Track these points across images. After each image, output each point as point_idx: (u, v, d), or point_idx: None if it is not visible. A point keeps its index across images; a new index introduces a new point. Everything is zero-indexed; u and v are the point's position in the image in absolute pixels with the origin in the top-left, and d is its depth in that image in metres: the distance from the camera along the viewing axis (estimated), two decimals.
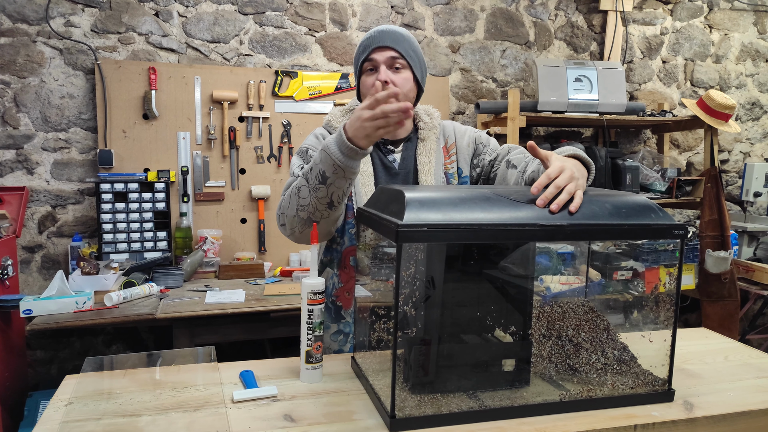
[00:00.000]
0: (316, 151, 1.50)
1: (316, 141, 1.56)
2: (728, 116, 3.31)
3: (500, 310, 1.22)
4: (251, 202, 3.12)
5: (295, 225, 1.40)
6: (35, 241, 2.93)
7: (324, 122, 1.62)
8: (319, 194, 1.34)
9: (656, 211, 1.17)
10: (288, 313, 2.41)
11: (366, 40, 1.51)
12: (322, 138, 1.57)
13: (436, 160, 1.58)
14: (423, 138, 1.60)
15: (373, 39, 1.50)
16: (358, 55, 1.54)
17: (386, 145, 1.60)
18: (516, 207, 1.11)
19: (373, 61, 1.50)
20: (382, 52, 1.49)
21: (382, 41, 1.48)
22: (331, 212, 1.39)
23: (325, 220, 1.40)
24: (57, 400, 1.15)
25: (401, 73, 1.50)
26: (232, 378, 1.27)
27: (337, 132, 1.31)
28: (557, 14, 3.63)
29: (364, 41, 1.51)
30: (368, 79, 1.51)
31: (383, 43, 1.48)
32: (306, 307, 1.23)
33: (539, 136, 3.70)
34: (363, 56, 1.50)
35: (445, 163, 1.59)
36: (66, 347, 3.02)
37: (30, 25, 2.83)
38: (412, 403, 1.09)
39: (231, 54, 3.11)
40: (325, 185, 1.32)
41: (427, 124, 1.62)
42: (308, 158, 1.52)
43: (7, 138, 2.85)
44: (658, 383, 1.20)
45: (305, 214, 1.37)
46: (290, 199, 1.39)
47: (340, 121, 1.59)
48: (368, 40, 1.50)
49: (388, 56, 1.49)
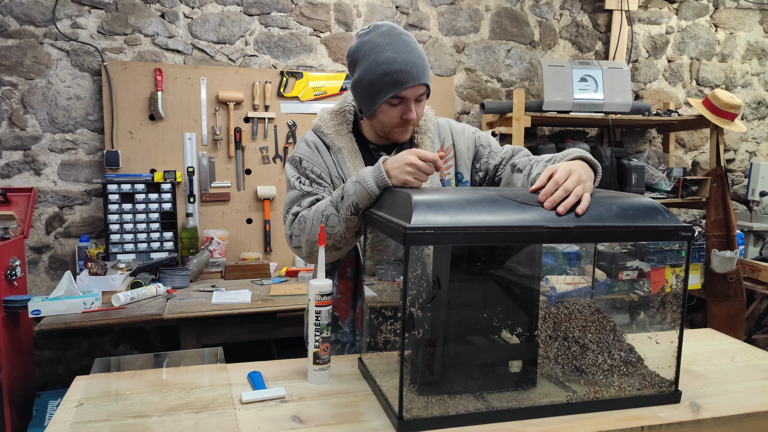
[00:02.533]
0: (311, 162, 1.48)
1: (309, 150, 1.50)
2: (734, 115, 3.30)
3: (507, 311, 1.22)
4: (257, 203, 3.13)
5: (315, 249, 1.35)
6: (43, 242, 2.95)
7: (313, 126, 1.55)
8: (350, 224, 1.34)
9: (662, 213, 1.17)
10: (294, 314, 2.42)
11: (396, 74, 1.37)
12: (315, 146, 1.51)
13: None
14: (417, 143, 1.55)
15: (407, 75, 1.38)
16: (384, 86, 1.38)
17: (379, 152, 1.55)
18: (523, 209, 1.12)
19: (404, 99, 1.41)
20: (414, 89, 1.40)
21: (416, 78, 1.39)
22: (356, 239, 1.40)
23: (346, 247, 1.42)
24: (68, 401, 1.16)
25: (422, 102, 1.46)
26: (240, 379, 1.27)
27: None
28: (562, 14, 3.63)
29: (394, 74, 1.37)
30: (393, 111, 1.42)
31: (418, 81, 1.39)
32: (314, 309, 1.23)
33: (544, 136, 3.70)
34: (393, 92, 1.38)
35: (441, 171, 1.53)
36: (73, 347, 3.04)
37: (37, 26, 2.85)
38: (420, 405, 1.09)
39: (236, 55, 3.12)
40: (357, 216, 1.33)
41: (421, 127, 1.56)
42: (303, 169, 1.48)
43: (15, 139, 2.87)
44: (665, 384, 1.20)
45: (330, 242, 1.36)
46: (313, 226, 1.37)
47: (331, 125, 1.52)
48: (400, 75, 1.37)
49: (419, 93, 1.42)
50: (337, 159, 1.51)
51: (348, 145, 1.52)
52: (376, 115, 1.45)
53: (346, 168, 1.50)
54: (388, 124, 1.46)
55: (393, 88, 1.38)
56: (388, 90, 1.38)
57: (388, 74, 1.37)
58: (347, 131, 1.53)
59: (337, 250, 1.41)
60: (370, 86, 1.40)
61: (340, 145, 1.51)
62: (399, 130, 1.48)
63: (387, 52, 1.38)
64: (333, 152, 1.51)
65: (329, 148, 1.52)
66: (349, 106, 1.56)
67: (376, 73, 1.38)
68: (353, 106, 1.56)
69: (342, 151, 1.51)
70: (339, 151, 1.51)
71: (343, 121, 1.54)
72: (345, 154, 1.51)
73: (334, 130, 1.53)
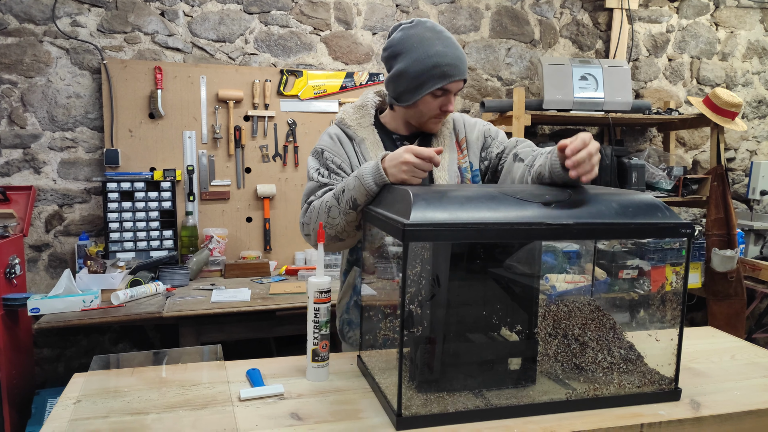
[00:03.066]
0: (332, 153, 1.53)
1: (331, 142, 1.56)
2: (735, 114, 3.30)
3: (506, 308, 1.22)
4: (257, 201, 3.12)
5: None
6: (42, 240, 2.94)
7: (336, 120, 1.61)
8: (349, 218, 1.39)
9: (663, 210, 1.17)
10: (293, 312, 2.42)
11: (446, 67, 1.43)
12: (337, 138, 1.56)
13: (450, 156, 1.58)
14: (438, 135, 1.60)
15: (455, 69, 1.45)
16: (432, 77, 1.44)
17: (402, 141, 1.60)
18: (522, 206, 1.11)
19: (447, 91, 1.47)
20: (457, 83, 1.47)
21: (462, 73, 1.46)
22: (358, 233, 1.44)
23: (351, 239, 1.46)
24: (65, 397, 1.16)
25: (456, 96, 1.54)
26: (238, 376, 1.27)
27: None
28: (562, 12, 3.62)
29: (444, 67, 1.43)
30: (434, 102, 1.48)
31: (462, 76, 1.46)
32: (312, 306, 1.23)
33: (544, 135, 3.69)
34: (440, 84, 1.44)
35: (458, 158, 1.60)
36: (72, 345, 3.04)
37: (37, 25, 2.85)
38: (418, 402, 1.09)
39: (236, 53, 3.11)
40: (355, 211, 1.37)
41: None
42: (324, 160, 1.53)
43: (15, 137, 2.87)
44: (665, 382, 1.20)
45: (333, 232, 1.42)
46: (318, 215, 1.43)
47: (354, 118, 1.58)
48: (449, 69, 1.44)
49: (459, 87, 1.49)
50: (360, 149, 1.55)
51: (370, 136, 1.57)
52: (416, 105, 1.50)
53: (368, 158, 1.54)
54: (427, 115, 1.51)
55: (441, 80, 1.44)
56: (436, 81, 1.44)
57: (438, 66, 1.43)
58: (369, 123, 1.59)
59: (340, 241, 1.45)
60: (417, 77, 1.45)
61: (363, 136, 1.56)
62: (434, 121, 1.54)
63: (438, 46, 1.44)
64: (356, 143, 1.56)
65: (352, 139, 1.57)
66: (371, 102, 1.62)
67: (427, 64, 1.43)
68: (375, 102, 1.63)
69: (365, 142, 1.56)
70: (362, 141, 1.56)
71: (365, 114, 1.60)
72: (367, 144, 1.55)
73: (356, 122, 1.58)
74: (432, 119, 1.53)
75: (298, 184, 3.17)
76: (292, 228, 3.18)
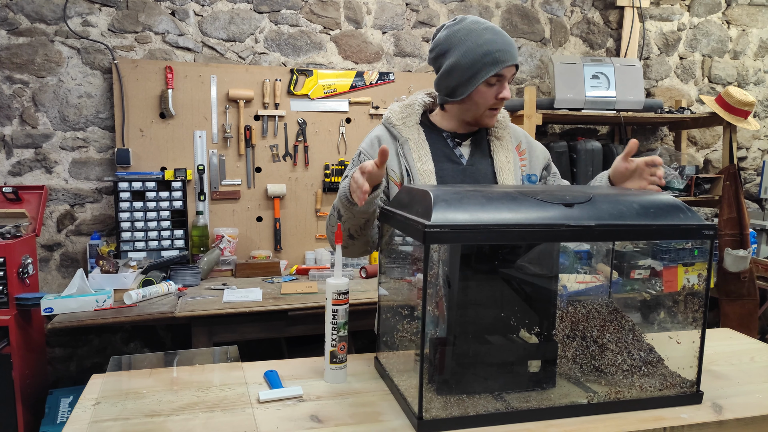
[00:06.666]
0: (368, 155, 1.55)
1: (371, 145, 1.57)
2: (747, 113, 3.27)
3: (524, 310, 1.21)
4: (267, 201, 3.12)
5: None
6: (54, 240, 2.95)
7: (383, 119, 1.60)
8: (347, 225, 1.42)
9: (684, 211, 1.16)
10: (306, 312, 2.42)
11: (498, 53, 1.44)
12: (377, 141, 1.56)
13: (514, 160, 1.58)
14: (499, 136, 1.59)
15: (507, 54, 1.45)
16: (485, 65, 1.44)
17: (455, 138, 1.58)
18: (543, 207, 1.10)
19: (502, 77, 1.47)
20: (510, 68, 1.47)
21: (514, 58, 1.46)
22: (353, 242, 1.45)
23: (352, 247, 1.48)
24: (85, 399, 1.16)
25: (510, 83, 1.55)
26: (256, 378, 1.27)
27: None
28: (573, 10, 3.60)
29: (496, 53, 1.44)
30: (489, 92, 1.48)
31: (514, 60, 1.46)
32: (330, 308, 1.23)
33: (555, 134, 3.67)
34: (494, 70, 1.44)
35: (520, 164, 1.60)
36: (84, 345, 3.05)
37: (48, 24, 2.85)
38: (438, 405, 1.08)
39: (246, 53, 3.11)
40: (340, 221, 1.40)
41: (501, 123, 1.61)
42: (359, 162, 1.54)
43: (26, 137, 2.87)
44: (686, 385, 1.19)
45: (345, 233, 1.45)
46: (331, 218, 1.49)
47: (399, 117, 1.57)
48: (501, 54, 1.44)
49: (512, 73, 1.49)
50: (403, 150, 1.54)
51: (415, 136, 1.56)
52: (471, 97, 1.49)
53: (411, 158, 1.53)
54: (482, 106, 1.50)
55: (494, 66, 1.44)
56: (489, 68, 1.44)
57: (490, 53, 1.43)
58: (415, 122, 1.58)
59: (351, 239, 1.45)
60: (470, 67, 1.45)
61: (407, 136, 1.55)
62: (490, 113, 1.53)
63: (486, 35, 1.45)
64: (399, 143, 1.55)
65: (396, 139, 1.56)
66: (419, 101, 1.62)
67: (478, 53, 1.44)
68: (424, 101, 1.62)
69: (408, 142, 1.54)
70: (405, 142, 1.55)
71: (411, 113, 1.59)
72: (411, 145, 1.54)
73: (402, 121, 1.57)
74: (487, 111, 1.52)
75: (308, 184, 3.17)
76: (302, 227, 3.18)
